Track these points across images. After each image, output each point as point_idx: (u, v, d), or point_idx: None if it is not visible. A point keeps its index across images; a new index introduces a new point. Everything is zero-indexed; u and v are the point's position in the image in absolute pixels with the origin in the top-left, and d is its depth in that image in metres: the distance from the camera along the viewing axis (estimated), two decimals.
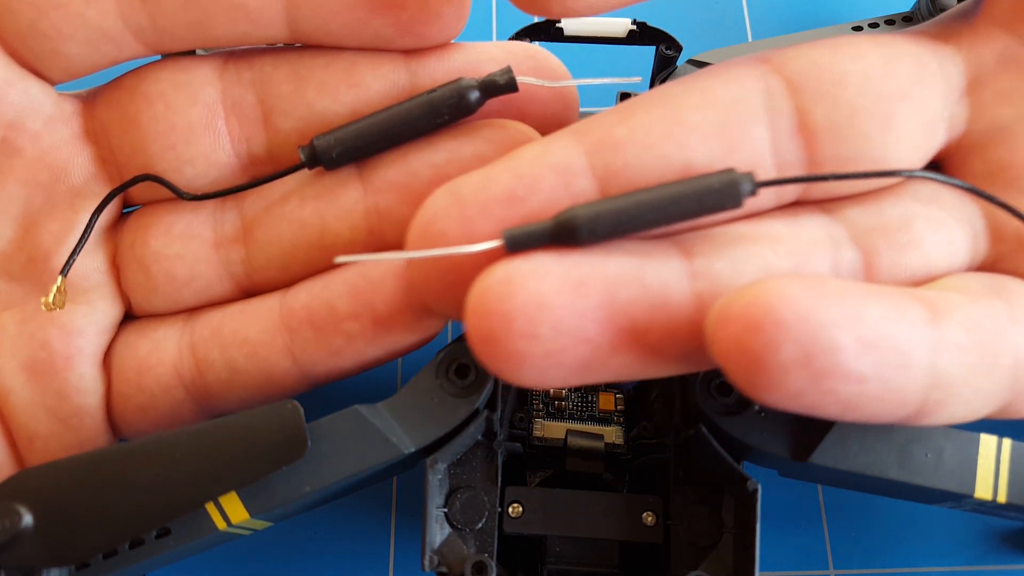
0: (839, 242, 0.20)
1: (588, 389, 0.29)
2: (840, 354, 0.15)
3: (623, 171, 0.18)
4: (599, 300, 0.17)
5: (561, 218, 0.18)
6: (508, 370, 0.17)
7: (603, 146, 0.18)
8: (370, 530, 0.29)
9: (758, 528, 0.21)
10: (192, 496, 0.21)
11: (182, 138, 0.22)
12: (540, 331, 0.17)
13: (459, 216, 0.18)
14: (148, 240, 0.23)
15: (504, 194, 0.18)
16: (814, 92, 0.19)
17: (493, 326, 0.17)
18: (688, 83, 0.19)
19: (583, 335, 0.17)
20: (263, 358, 0.22)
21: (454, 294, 0.18)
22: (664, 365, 0.18)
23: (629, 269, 0.18)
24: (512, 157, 0.19)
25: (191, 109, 0.22)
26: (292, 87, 0.22)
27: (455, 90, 0.21)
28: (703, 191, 0.18)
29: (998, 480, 0.21)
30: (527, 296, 0.17)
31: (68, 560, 0.21)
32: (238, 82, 0.23)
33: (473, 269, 0.18)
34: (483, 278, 0.17)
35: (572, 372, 0.17)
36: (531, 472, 0.27)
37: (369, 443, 0.21)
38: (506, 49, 0.23)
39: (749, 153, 0.19)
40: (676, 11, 0.39)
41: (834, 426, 0.22)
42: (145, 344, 0.23)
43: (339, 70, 0.22)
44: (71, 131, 0.23)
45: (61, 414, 0.23)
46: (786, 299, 0.15)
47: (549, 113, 0.23)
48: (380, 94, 0.22)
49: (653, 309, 0.17)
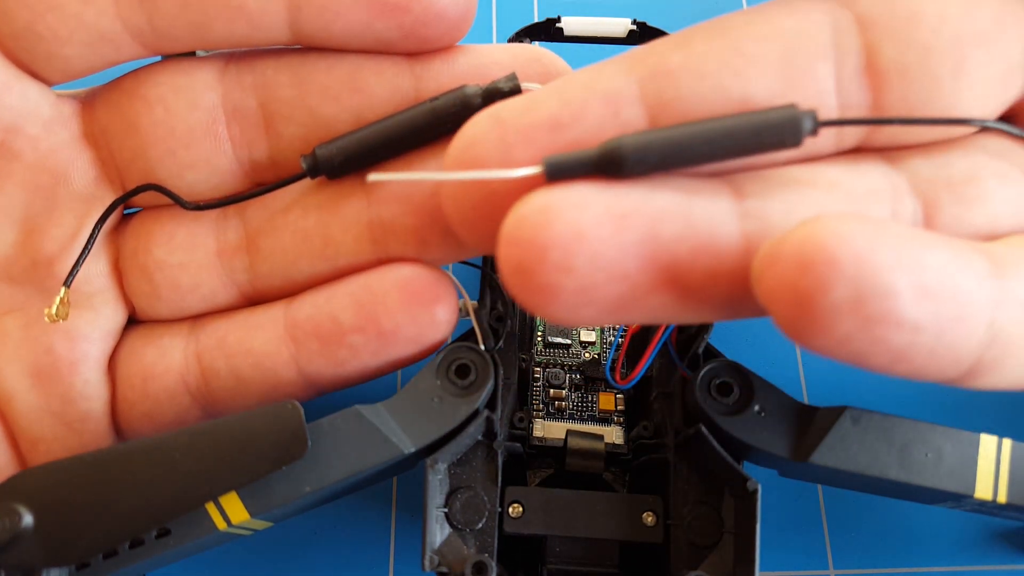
0: (900, 192, 0.18)
1: (588, 389, 0.29)
2: (895, 299, 0.14)
3: (676, 101, 0.17)
4: (641, 235, 0.16)
5: (607, 146, 0.17)
6: (539, 304, 0.16)
7: (656, 74, 0.17)
8: (370, 530, 0.29)
9: (758, 528, 0.21)
10: (192, 496, 0.21)
11: (182, 143, 0.22)
12: (575, 264, 0.16)
13: (499, 140, 0.17)
14: (151, 248, 0.23)
15: (548, 120, 0.17)
16: (885, 29, 0.18)
17: (526, 256, 0.16)
18: (752, 13, 0.18)
19: (621, 271, 0.16)
20: (268, 368, 0.22)
21: (488, 223, 0.18)
22: (701, 309, 0.17)
23: (675, 205, 0.17)
24: (559, 83, 0.18)
25: (191, 114, 0.22)
26: (294, 92, 0.22)
27: (459, 98, 0.21)
28: (761, 126, 0.17)
29: (998, 480, 0.21)
30: (564, 226, 0.16)
31: (68, 560, 0.21)
32: (239, 86, 0.22)
33: (510, 197, 0.17)
34: (519, 206, 0.16)
35: (605, 310, 0.17)
36: (531, 472, 0.27)
37: (369, 443, 0.21)
38: (512, 52, 0.22)
39: (812, 91, 0.18)
40: (676, 11, 0.39)
41: (834, 426, 0.22)
42: (151, 351, 0.23)
43: (342, 74, 0.22)
44: (70, 134, 0.22)
45: (66, 419, 0.23)
46: (841, 237, 0.14)
47: None
48: (384, 99, 0.22)
49: (698, 248, 0.17)
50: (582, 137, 0.17)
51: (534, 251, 0.16)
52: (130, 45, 0.21)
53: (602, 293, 0.16)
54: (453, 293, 0.23)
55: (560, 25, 0.31)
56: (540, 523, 0.23)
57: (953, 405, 0.31)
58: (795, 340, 0.15)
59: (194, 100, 0.22)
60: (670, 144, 0.17)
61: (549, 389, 0.29)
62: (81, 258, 0.22)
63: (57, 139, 0.22)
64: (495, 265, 0.27)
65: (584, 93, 0.17)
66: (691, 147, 0.17)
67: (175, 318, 0.24)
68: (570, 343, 0.29)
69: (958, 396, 0.31)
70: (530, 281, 0.16)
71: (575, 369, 0.29)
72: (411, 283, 0.22)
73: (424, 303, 0.22)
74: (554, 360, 0.29)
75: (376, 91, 0.22)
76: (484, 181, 0.17)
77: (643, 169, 0.17)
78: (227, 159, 0.22)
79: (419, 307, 0.22)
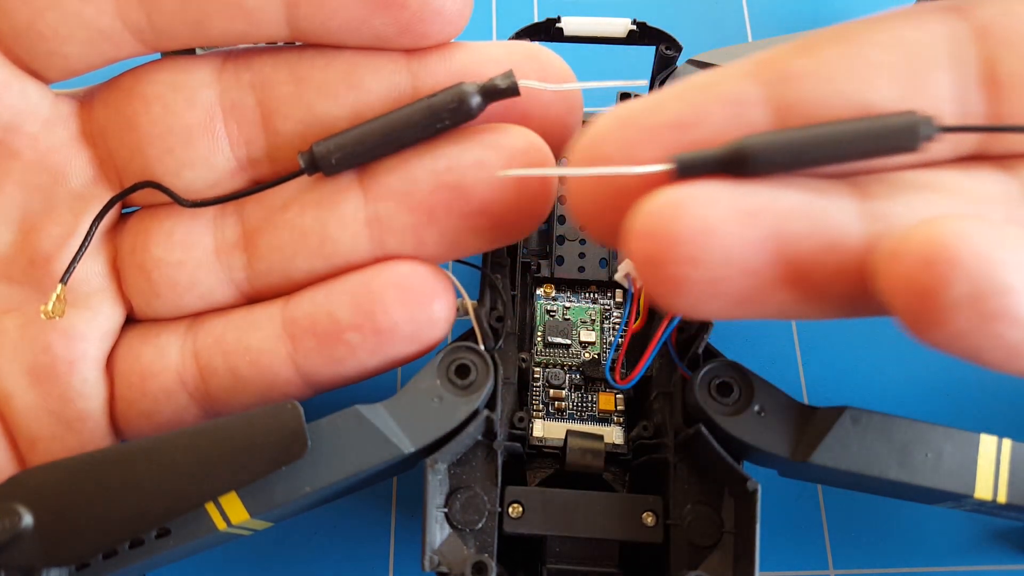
0: (1015, 198, 0.19)
1: (588, 389, 0.29)
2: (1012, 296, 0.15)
3: (799, 105, 0.18)
4: (768, 232, 0.17)
5: (735, 145, 0.17)
6: (668, 295, 0.17)
7: (781, 77, 0.18)
8: (370, 530, 0.29)
9: (758, 528, 0.21)
10: (192, 496, 0.21)
11: (180, 141, 0.22)
12: (704, 257, 0.17)
13: (624, 139, 0.18)
14: (149, 246, 0.23)
15: (673, 120, 0.18)
16: (1003, 40, 0.18)
17: (658, 249, 0.17)
18: (873, 22, 0.19)
19: (748, 266, 0.17)
20: (266, 366, 0.22)
21: (612, 218, 0.18)
22: (820, 306, 0.18)
23: (801, 204, 0.17)
24: (682, 85, 0.19)
25: (189, 112, 0.22)
26: (291, 89, 0.22)
27: (456, 95, 0.21)
28: (883, 130, 0.17)
29: (998, 480, 0.21)
30: (695, 221, 0.17)
31: (68, 560, 0.21)
32: (237, 84, 0.22)
33: (635, 192, 0.18)
34: (651, 200, 0.17)
35: (730, 304, 0.17)
36: (531, 472, 0.27)
37: (369, 443, 0.21)
38: (509, 49, 0.22)
39: (931, 99, 0.18)
40: (676, 11, 0.39)
41: (834, 426, 0.22)
42: (148, 350, 0.23)
43: (339, 71, 0.22)
44: (69, 133, 0.22)
45: (64, 418, 0.23)
46: (963, 236, 0.15)
47: (552, 115, 0.23)
48: (381, 96, 0.22)
49: (822, 247, 0.17)
50: (706, 137, 0.18)
51: (664, 244, 0.17)
52: (130, 43, 0.21)
53: (728, 287, 0.17)
54: (451, 291, 0.23)
55: (560, 25, 0.31)
56: (540, 523, 0.23)
57: (953, 405, 0.31)
58: (915, 334, 0.16)
59: (192, 98, 0.22)
60: (796, 145, 0.17)
61: (549, 389, 0.29)
62: (78, 255, 0.22)
63: (56, 138, 0.22)
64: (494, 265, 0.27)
65: (708, 95, 0.18)
66: (816, 148, 0.17)
67: (173, 316, 0.24)
68: (570, 343, 0.29)
69: (958, 396, 0.31)
70: (659, 272, 0.17)
71: (575, 369, 0.29)
72: (408, 281, 0.22)
73: (421, 301, 0.22)
74: (554, 360, 0.29)
75: (373, 88, 0.22)
76: (610, 177, 0.18)
77: (769, 168, 0.17)
78: (225, 157, 0.22)
79: (416, 305, 0.22)
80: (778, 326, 0.32)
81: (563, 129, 0.22)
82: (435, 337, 0.23)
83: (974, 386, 0.31)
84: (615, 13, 0.34)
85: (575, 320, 0.30)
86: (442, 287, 0.22)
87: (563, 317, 0.30)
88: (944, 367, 0.31)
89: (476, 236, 0.22)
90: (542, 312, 0.30)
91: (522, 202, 0.22)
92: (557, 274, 0.30)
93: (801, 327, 0.32)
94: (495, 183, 0.21)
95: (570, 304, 0.30)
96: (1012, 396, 0.31)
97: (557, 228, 0.31)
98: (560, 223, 0.31)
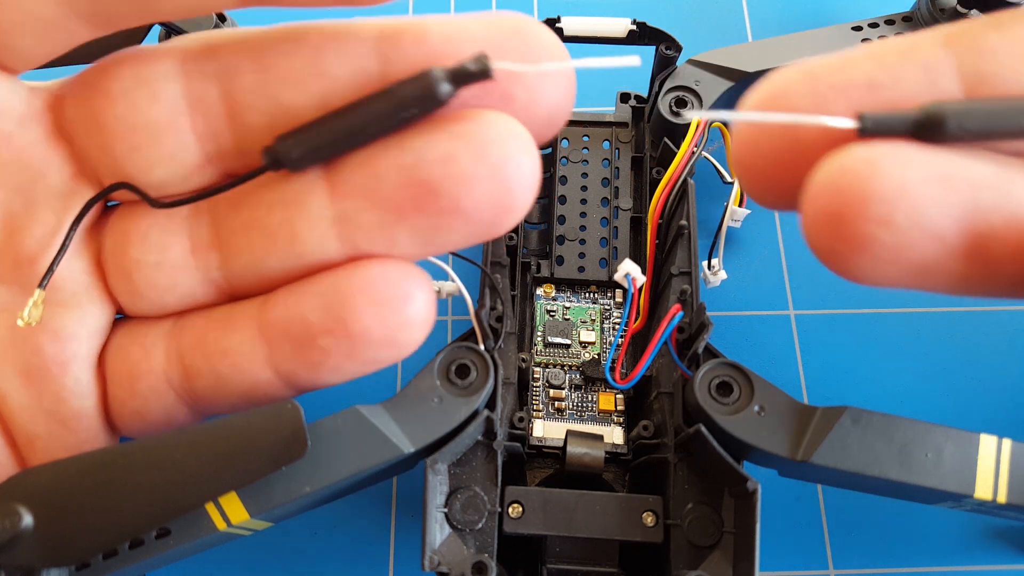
0: None
1: (588, 389, 0.29)
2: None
3: (992, 78, 0.18)
4: (963, 199, 0.17)
5: (930, 109, 0.17)
6: (847, 254, 0.17)
7: (975, 50, 0.18)
8: (370, 530, 0.29)
9: (758, 528, 0.21)
10: (192, 496, 0.21)
11: (147, 139, 0.21)
12: (896, 219, 0.16)
13: (813, 92, 0.18)
14: (128, 248, 0.23)
15: (864, 79, 0.18)
16: None
17: (846, 205, 0.17)
18: None
19: (938, 232, 0.17)
20: (245, 369, 0.22)
21: (784, 172, 0.18)
22: (995, 283, 0.18)
23: (993, 175, 0.17)
24: (874, 47, 0.18)
25: (153, 108, 0.21)
26: (256, 78, 0.21)
27: (422, 83, 0.19)
28: None
29: (998, 480, 0.21)
30: (891, 180, 0.16)
31: (68, 560, 0.21)
32: (201, 75, 0.21)
33: (814, 149, 0.18)
34: (842, 155, 0.17)
35: (907, 272, 0.17)
36: (531, 472, 0.27)
37: (369, 443, 0.21)
38: (488, 23, 0.20)
39: None
40: (676, 11, 0.39)
41: (834, 426, 0.22)
42: (136, 350, 0.23)
43: (304, 58, 0.21)
44: (44, 130, 0.22)
45: (60, 416, 0.23)
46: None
47: (538, 97, 0.21)
48: (348, 83, 0.20)
49: (1009, 221, 0.17)
50: (896, 100, 0.18)
51: (855, 201, 0.16)
52: (83, 28, 0.21)
53: (912, 253, 0.17)
54: (427, 290, 0.22)
55: (560, 25, 0.31)
56: (540, 523, 0.23)
57: (953, 405, 0.31)
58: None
59: (155, 93, 0.21)
60: (990, 115, 0.17)
61: (549, 389, 0.29)
62: (55, 261, 0.21)
63: (31, 135, 0.22)
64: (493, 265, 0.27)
65: (902, 59, 0.18)
66: (1010, 121, 0.17)
67: (158, 315, 0.24)
68: (570, 343, 0.29)
69: (958, 396, 0.31)
70: (844, 230, 0.17)
71: (575, 369, 0.29)
72: (379, 283, 0.21)
73: (393, 304, 0.21)
74: (554, 360, 0.29)
75: (340, 75, 0.21)
76: (787, 130, 0.18)
77: (961, 136, 0.17)
78: (193, 153, 0.22)
79: (388, 309, 0.21)
80: (778, 326, 0.32)
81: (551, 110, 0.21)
82: (412, 340, 0.22)
83: (974, 386, 0.31)
84: (615, 13, 0.34)
85: (575, 320, 0.30)
86: (416, 288, 0.21)
87: (563, 317, 0.30)
88: (944, 367, 0.31)
89: (451, 233, 0.21)
90: (542, 312, 0.30)
91: (497, 197, 0.20)
92: (557, 274, 0.30)
93: (801, 327, 0.32)
94: (466, 178, 0.20)
95: (570, 304, 0.30)
96: (1012, 396, 0.31)
97: (557, 228, 0.31)
98: (560, 223, 0.31)
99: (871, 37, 0.33)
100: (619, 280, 0.27)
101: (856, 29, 0.34)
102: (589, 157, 0.32)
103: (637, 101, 0.33)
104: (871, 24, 0.34)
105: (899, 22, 0.34)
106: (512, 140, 0.20)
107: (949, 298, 0.33)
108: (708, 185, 0.32)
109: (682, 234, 0.27)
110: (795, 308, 0.33)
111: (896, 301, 0.33)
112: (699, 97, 0.31)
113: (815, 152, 0.17)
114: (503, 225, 0.21)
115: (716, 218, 0.31)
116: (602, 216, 0.31)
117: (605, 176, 0.32)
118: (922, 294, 0.33)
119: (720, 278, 0.30)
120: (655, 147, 0.31)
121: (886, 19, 0.34)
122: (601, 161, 0.32)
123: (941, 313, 0.32)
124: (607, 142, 0.32)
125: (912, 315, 0.32)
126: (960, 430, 0.22)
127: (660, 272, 0.29)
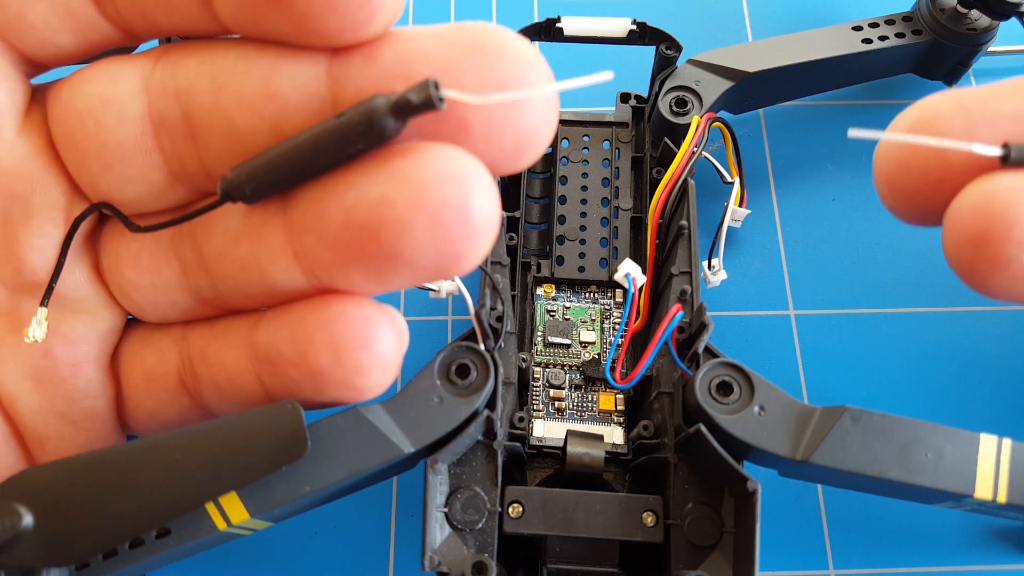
0: None
1: (588, 389, 0.29)
2: None
3: None
4: None
5: None
6: (986, 271, 0.19)
7: None
8: (370, 530, 0.29)
9: (758, 528, 0.21)
10: (192, 496, 0.21)
11: (116, 158, 0.21)
12: None
13: (963, 120, 0.19)
14: (123, 271, 0.23)
15: (1011, 111, 0.19)
16: None
17: (992, 227, 0.18)
18: None
19: None
20: (239, 384, 0.22)
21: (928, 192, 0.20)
22: None
23: None
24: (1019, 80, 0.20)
25: (120, 128, 0.21)
26: (212, 99, 0.20)
27: (364, 116, 0.18)
28: None
29: (998, 480, 0.21)
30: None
31: (68, 560, 0.21)
32: (163, 94, 0.21)
33: (959, 173, 0.19)
34: (987, 181, 0.19)
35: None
36: (531, 472, 0.27)
37: (369, 443, 0.21)
38: (444, 40, 0.18)
39: None
40: (676, 11, 0.39)
41: (834, 426, 0.22)
42: (150, 354, 0.23)
43: (257, 78, 0.20)
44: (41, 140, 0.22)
45: (71, 418, 0.23)
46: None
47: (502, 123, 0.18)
48: (299, 107, 0.19)
49: None
50: None
51: (1000, 224, 0.18)
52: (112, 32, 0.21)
53: None
54: (390, 334, 0.21)
55: (560, 25, 0.31)
56: (540, 523, 0.23)
57: (953, 405, 0.31)
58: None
59: (121, 112, 0.21)
60: None
61: (549, 389, 0.29)
62: (53, 279, 0.21)
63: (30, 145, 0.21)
64: (493, 265, 0.27)
65: None
66: None
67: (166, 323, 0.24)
68: (570, 343, 0.29)
69: (958, 396, 0.31)
70: (986, 249, 0.19)
71: (575, 369, 0.29)
72: (336, 324, 0.20)
73: (347, 347, 0.20)
74: (554, 360, 0.29)
75: (291, 97, 0.19)
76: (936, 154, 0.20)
77: None
78: (161, 173, 0.21)
79: (342, 351, 0.20)
80: (778, 326, 0.32)
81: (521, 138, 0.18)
82: (368, 385, 0.21)
83: (974, 386, 0.31)
84: (615, 13, 0.34)
85: (575, 320, 0.30)
86: (374, 333, 0.20)
87: (563, 317, 0.30)
88: (944, 367, 0.31)
89: (401, 277, 0.19)
90: (542, 312, 0.30)
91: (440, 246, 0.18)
92: (557, 274, 0.30)
93: (801, 327, 0.32)
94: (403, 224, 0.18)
95: (570, 304, 0.30)
96: (1012, 396, 0.31)
97: (557, 228, 0.31)
98: (560, 223, 0.31)
99: (871, 37, 0.33)
100: (619, 280, 0.27)
101: (856, 29, 0.34)
102: (589, 157, 0.32)
103: (637, 101, 0.33)
104: (871, 24, 0.34)
105: (899, 22, 0.34)
106: (454, 183, 0.18)
107: (949, 298, 0.33)
108: (708, 185, 0.32)
109: (682, 234, 0.27)
110: (795, 308, 0.33)
111: (896, 301, 0.33)
112: (699, 97, 0.31)
113: (960, 176, 0.19)
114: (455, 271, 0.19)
115: (716, 218, 0.31)
116: (602, 216, 0.31)
117: (605, 176, 0.32)
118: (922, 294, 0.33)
119: (720, 278, 0.30)
120: (655, 147, 0.31)
121: (886, 19, 0.34)
122: (601, 161, 0.32)
123: (941, 313, 0.32)
124: (607, 142, 0.32)
125: (912, 315, 0.32)
126: (960, 430, 0.22)
127: (660, 272, 0.29)
